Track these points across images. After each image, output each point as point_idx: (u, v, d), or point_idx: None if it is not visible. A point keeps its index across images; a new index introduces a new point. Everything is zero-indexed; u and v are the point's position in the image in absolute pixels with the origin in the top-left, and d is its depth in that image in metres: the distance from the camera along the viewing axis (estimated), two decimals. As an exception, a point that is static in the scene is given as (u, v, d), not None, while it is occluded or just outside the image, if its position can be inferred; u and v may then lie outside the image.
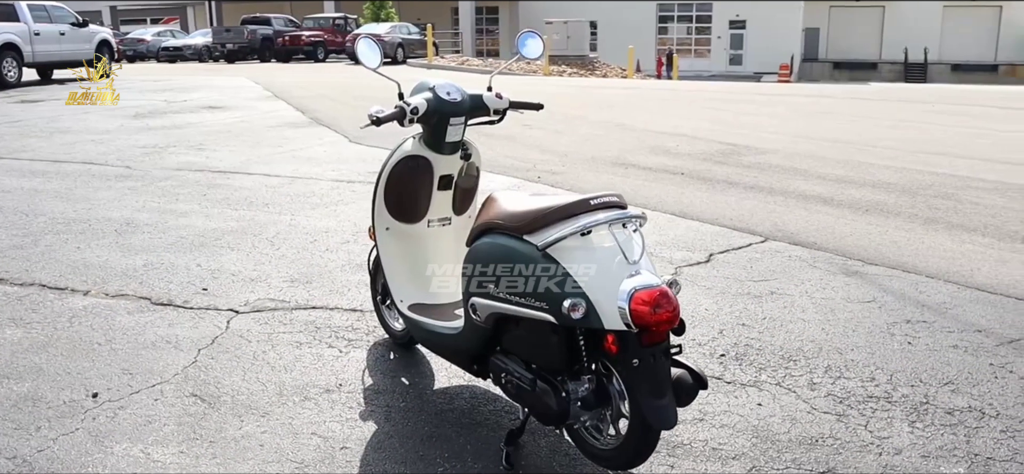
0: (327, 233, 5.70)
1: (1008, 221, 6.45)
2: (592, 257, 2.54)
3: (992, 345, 4.00)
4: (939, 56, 41.48)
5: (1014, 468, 2.93)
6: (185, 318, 4.15)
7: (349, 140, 10.12)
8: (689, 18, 41.75)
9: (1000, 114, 15.62)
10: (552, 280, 2.56)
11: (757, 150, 9.89)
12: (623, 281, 2.47)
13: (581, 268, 2.53)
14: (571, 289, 2.50)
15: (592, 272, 2.52)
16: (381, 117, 3.13)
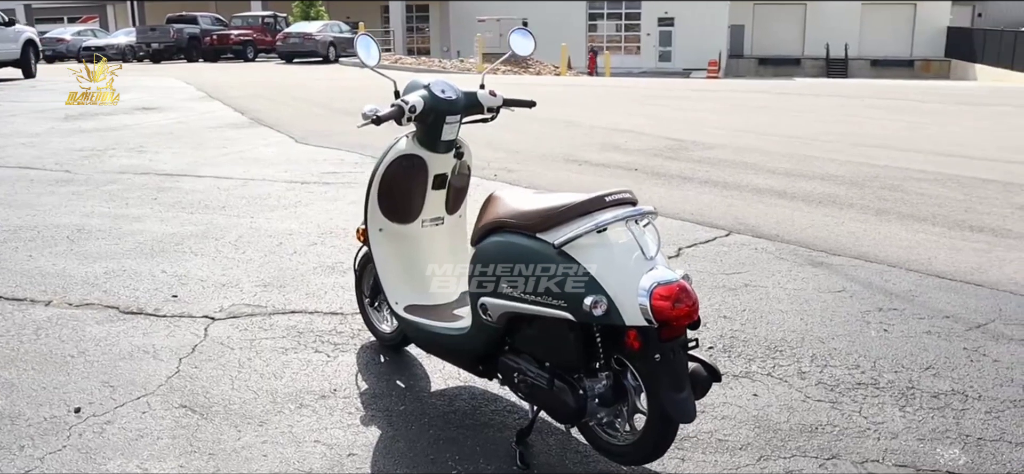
0: (292, 236, 5.58)
1: (953, 210, 6.69)
2: (610, 254, 2.54)
3: (962, 330, 4.13)
4: (859, 52, 42.82)
5: (1004, 448, 3.03)
6: (159, 327, 4.00)
7: (295, 141, 9.94)
8: (619, 15, 42.25)
9: (926, 108, 16.23)
10: (570, 278, 2.54)
11: (703, 145, 10.05)
12: (642, 277, 2.47)
13: (600, 265, 2.52)
14: (590, 286, 2.49)
15: (611, 269, 2.51)
16: (381, 115, 3.07)
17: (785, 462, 2.90)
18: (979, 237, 5.88)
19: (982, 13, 45.68)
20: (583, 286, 2.51)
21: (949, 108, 16.42)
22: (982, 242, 5.76)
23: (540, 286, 2.61)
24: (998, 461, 2.94)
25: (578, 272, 2.53)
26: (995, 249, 5.57)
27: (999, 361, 3.77)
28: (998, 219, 6.41)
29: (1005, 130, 12.95)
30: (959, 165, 8.82)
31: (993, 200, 7.09)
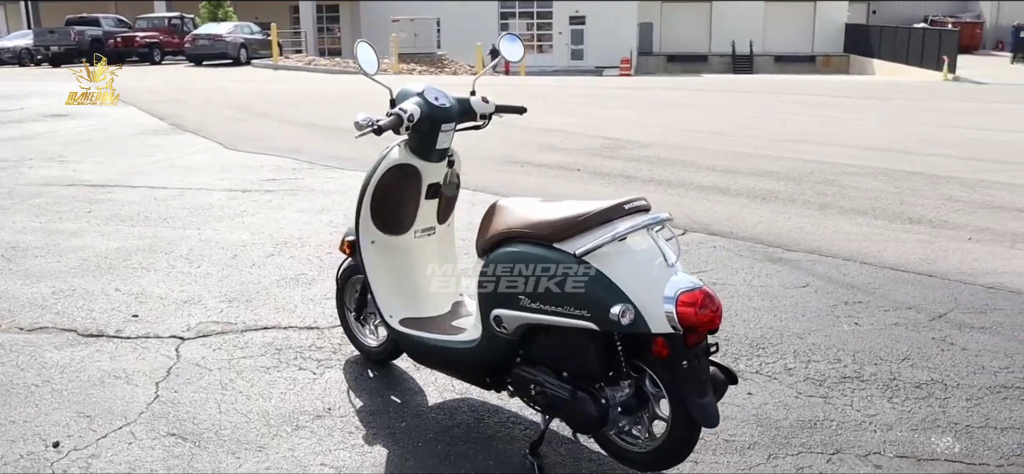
0: (245, 247, 5.39)
1: (889, 204, 6.95)
2: (633, 262, 2.52)
3: (926, 320, 4.29)
4: (763, 48, 44.09)
5: (991, 434, 3.15)
6: (125, 349, 3.80)
7: (224, 147, 9.62)
8: (530, 14, 42.39)
9: (839, 103, 16.86)
10: (593, 287, 2.51)
11: (638, 144, 10.18)
12: (666, 284, 2.46)
13: (623, 273, 2.50)
14: (616, 295, 2.47)
15: (635, 277, 2.49)
16: (382, 125, 2.98)
17: (794, 459, 2.95)
18: (919, 229, 6.12)
19: (876, 10, 47.75)
20: (608, 295, 2.48)
21: (860, 102, 17.10)
22: (923, 234, 5.99)
23: (561, 296, 2.57)
24: (988, 446, 3.05)
25: (601, 281, 2.50)
26: (936, 240, 5.81)
27: (967, 349, 3.92)
28: (932, 211, 6.68)
29: (914, 123, 13.55)
30: (883, 159, 9.17)
31: (923, 192, 7.40)
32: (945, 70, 29.99)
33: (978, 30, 43.29)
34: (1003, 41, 42.58)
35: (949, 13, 45.83)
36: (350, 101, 15.80)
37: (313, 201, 6.71)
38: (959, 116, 14.74)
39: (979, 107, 16.55)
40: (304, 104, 14.77)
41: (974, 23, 43.60)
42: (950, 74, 29.76)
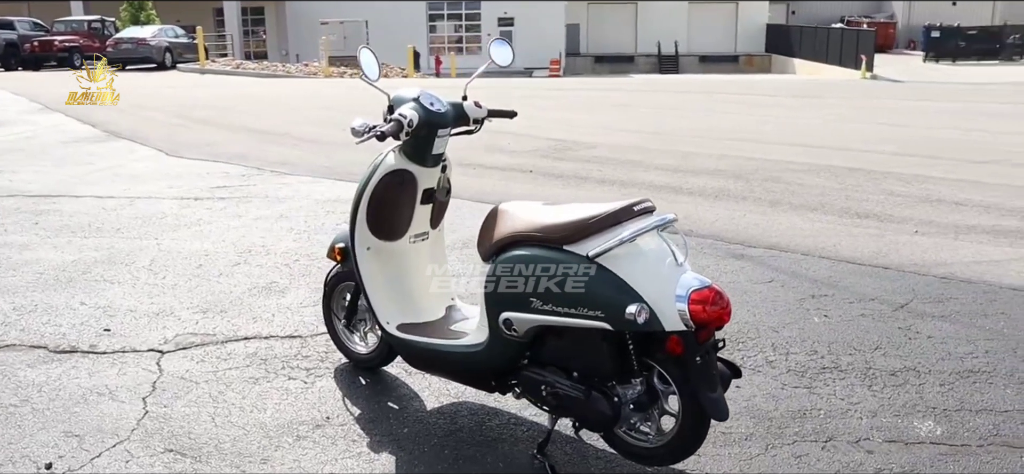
0: (209, 256, 5.28)
1: (835, 199, 7.20)
2: (645, 262, 2.58)
3: (890, 311, 4.47)
4: (688, 49, 44.99)
5: (967, 416, 3.31)
6: (103, 365, 3.69)
7: (166, 154, 9.38)
8: (459, 16, 42.40)
9: (770, 101, 17.33)
10: (607, 288, 2.56)
11: (584, 145, 10.30)
12: (677, 283, 2.53)
13: (636, 274, 2.55)
14: (630, 295, 2.52)
15: (647, 277, 2.55)
16: (385, 131, 2.97)
17: (790, 448, 3.05)
18: (868, 223, 6.36)
19: (795, 11, 49.19)
20: (622, 295, 2.53)
21: (790, 101, 17.62)
22: (872, 228, 6.23)
23: (573, 298, 2.61)
24: (967, 428, 3.21)
25: (615, 282, 2.55)
26: (885, 234, 6.04)
27: (932, 337, 4.10)
28: (876, 205, 6.94)
29: (844, 121, 14.03)
30: (822, 156, 9.48)
31: (865, 188, 7.68)
32: (863, 69, 31.10)
33: (892, 30, 44.98)
34: (915, 40, 44.34)
35: (864, 13, 47.50)
36: (287, 105, 15.57)
37: (270, 208, 6.61)
38: (884, 113, 15.31)
39: (901, 104, 17.23)
40: (241, 109, 14.48)
41: (888, 23, 45.28)
42: (868, 72, 30.89)
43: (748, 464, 2.95)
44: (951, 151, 10.13)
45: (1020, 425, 3.25)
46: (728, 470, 2.91)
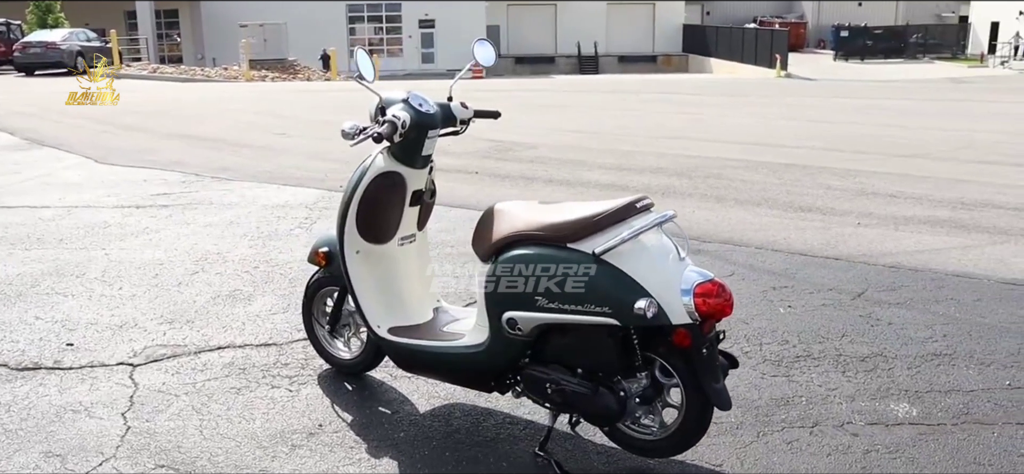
0: (163, 265, 5.12)
1: (777, 195, 7.42)
2: (650, 257, 2.62)
3: (848, 300, 4.64)
4: (607, 49, 45.61)
5: (938, 397, 3.46)
6: (72, 381, 3.55)
7: (96, 161, 9.06)
8: (379, 18, 42.04)
9: (695, 100, 17.72)
10: (614, 285, 2.59)
11: (523, 145, 10.35)
12: (681, 277, 2.58)
13: (642, 269, 2.59)
14: (638, 291, 2.56)
15: (653, 272, 2.59)
16: (381, 132, 2.94)
17: (780, 435, 3.14)
18: (812, 217, 6.58)
19: (710, 12, 50.38)
20: (630, 291, 2.56)
21: (715, 99, 18.05)
22: (817, 221, 6.44)
23: (580, 295, 2.63)
24: (939, 408, 3.36)
25: (622, 278, 2.59)
26: (830, 227, 6.26)
27: (892, 324, 4.27)
28: (816, 200, 7.18)
29: (770, 118, 14.46)
30: (757, 152, 9.76)
31: (803, 182, 7.94)
32: (778, 68, 32.09)
33: (802, 30, 46.52)
34: (824, 40, 45.99)
35: (775, 14, 49.01)
36: (215, 109, 15.19)
37: (218, 215, 6.44)
38: (806, 110, 15.84)
39: (821, 102, 17.85)
40: (167, 114, 14.06)
41: (799, 23, 46.82)
42: (783, 71, 31.89)
43: (743, 451, 3.03)
44: (875, 146, 10.53)
45: (987, 403, 3.42)
46: (725, 459, 2.98)
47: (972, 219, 6.52)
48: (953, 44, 41.47)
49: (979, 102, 18.81)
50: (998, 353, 3.92)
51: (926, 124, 13.87)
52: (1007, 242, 5.87)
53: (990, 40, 38.31)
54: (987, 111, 16.55)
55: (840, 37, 40.42)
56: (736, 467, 2.93)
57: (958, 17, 44.85)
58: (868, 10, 45.90)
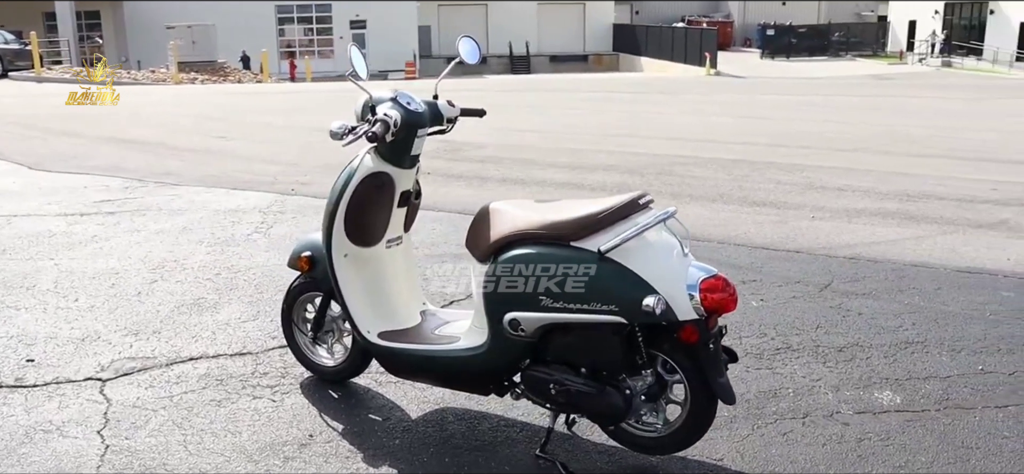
0: (119, 275, 4.92)
1: (730, 190, 7.53)
2: (655, 254, 2.61)
3: (816, 292, 4.72)
4: (538, 49, 45.83)
5: (917, 383, 3.54)
6: (38, 399, 3.37)
7: (29, 168, 8.66)
8: (309, 19, 41.43)
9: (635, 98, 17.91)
10: (621, 282, 2.57)
11: (472, 145, 10.28)
12: (686, 273, 2.58)
13: (648, 266, 2.58)
14: (644, 288, 2.54)
15: (658, 268, 2.58)
16: (376, 132, 2.86)
17: (775, 427, 3.17)
18: (767, 211, 6.69)
19: (639, 11, 51.04)
20: (637, 289, 2.55)
21: (652, 97, 18.27)
22: (773, 215, 6.55)
23: (586, 294, 2.60)
24: (921, 395, 3.44)
25: (628, 276, 2.57)
26: (787, 221, 6.38)
27: (862, 314, 4.36)
28: (768, 194, 7.31)
29: (709, 115, 14.69)
30: (703, 149, 9.90)
31: (752, 178, 8.07)
32: (708, 66, 32.66)
33: (729, 28, 47.44)
34: (750, 39, 47.01)
35: (703, 13, 49.91)
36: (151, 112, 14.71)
37: (169, 221, 6.23)
38: (742, 108, 16.16)
39: (754, 98, 18.22)
40: (98, 118, 13.54)
41: (725, 22, 47.74)
42: (712, 69, 32.48)
43: (742, 445, 3.04)
44: (816, 141, 10.80)
45: (965, 388, 3.51)
46: (725, 453, 2.99)
47: (919, 210, 6.72)
48: (873, 42, 42.86)
49: (904, 98, 19.47)
50: (966, 339, 4.03)
51: (860, 119, 14.28)
52: (955, 232, 6.06)
53: (908, 38, 39.71)
54: (914, 107, 17.14)
55: (766, 36, 41.39)
56: (737, 461, 2.94)
57: (877, 16, 46.37)
58: (791, 9, 47.10)
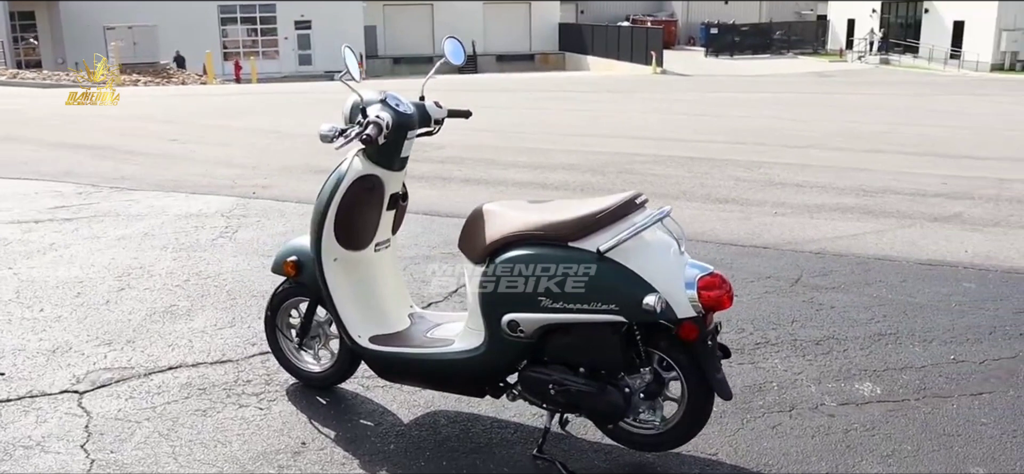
0: (83, 283, 4.79)
1: (692, 187, 7.64)
2: (653, 253, 2.63)
3: (787, 286, 4.81)
4: (485, 48, 45.79)
5: (894, 374, 3.64)
6: (14, 414, 3.26)
7: (-29, 174, 8.38)
8: (253, 19, 40.82)
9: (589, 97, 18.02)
10: (620, 282, 2.59)
11: (432, 145, 10.18)
12: (683, 271, 2.61)
13: (646, 265, 2.60)
14: (644, 287, 2.56)
15: (657, 267, 2.61)
16: (370, 135, 2.83)
17: (763, 420, 3.22)
18: (731, 208, 6.79)
19: (584, 10, 51.35)
20: (637, 288, 2.56)
21: (604, 96, 18.42)
22: (736, 211, 6.66)
23: (586, 294, 2.61)
24: (899, 385, 3.53)
25: (628, 275, 2.59)
26: (751, 217, 6.48)
27: (834, 308, 4.46)
28: (730, 191, 7.42)
29: (661, 113, 14.86)
30: (662, 147, 10.01)
31: (713, 175, 8.19)
32: (654, 64, 33.01)
33: (673, 27, 48.01)
34: (694, 37, 47.66)
35: (647, 12, 50.43)
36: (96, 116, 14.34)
37: (129, 227, 6.08)
38: (694, 104, 16.38)
39: (703, 96, 18.48)
40: (42, 121, 13.17)
41: (669, 21, 48.29)
42: (658, 68, 32.83)
43: (734, 439, 3.08)
44: (770, 138, 11.00)
45: (940, 378, 3.61)
46: (719, 447, 3.03)
47: (876, 205, 6.89)
48: (813, 40, 43.78)
49: (849, 95, 19.95)
50: (936, 330, 4.15)
51: (809, 116, 14.58)
52: (913, 226, 6.23)
53: (847, 36, 40.67)
54: (860, 104, 17.57)
55: (710, 34, 42.00)
56: (731, 456, 2.99)
57: (817, 15, 47.39)
58: (733, 9, 47.87)
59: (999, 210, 6.76)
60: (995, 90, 22.72)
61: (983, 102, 18.58)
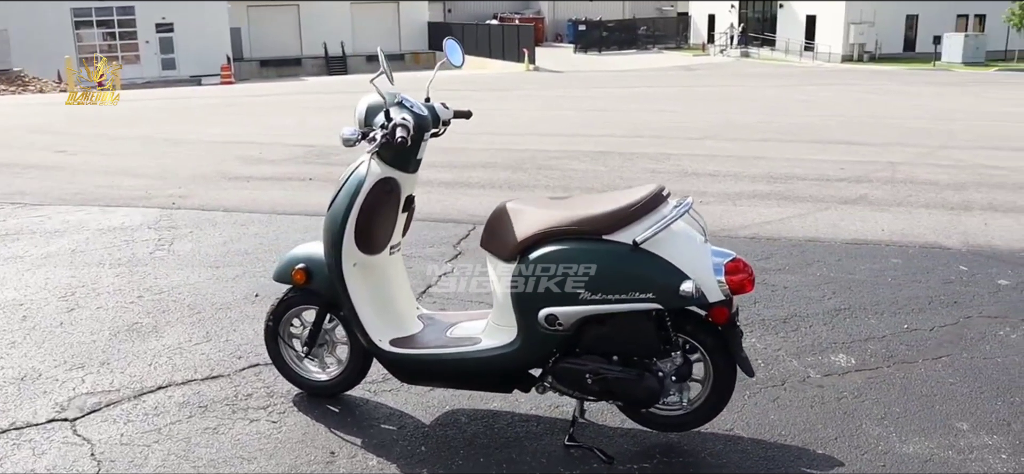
0: (24, 306, 4.51)
1: (611, 180, 7.89)
2: (683, 243, 2.77)
3: (738, 270, 5.05)
4: (354, 49, 45.22)
5: (862, 345, 3.92)
6: (4, 449, 3.06)
7: None
8: (110, 22, 38.72)
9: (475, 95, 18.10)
10: (657, 271, 2.71)
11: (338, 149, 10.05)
12: (710, 258, 2.76)
13: (679, 254, 2.74)
14: (678, 275, 2.69)
15: (687, 256, 2.75)
16: (401, 136, 2.82)
17: (763, 394, 3.43)
18: (658, 197, 7.03)
19: (451, 9, 51.47)
20: (672, 276, 2.69)
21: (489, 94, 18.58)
22: (664, 201, 6.90)
23: (625, 284, 2.72)
24: (869, 354, 3.82)
25: (663, 265, 2.71)
26: (679, 205, 6.74)
27: (788, 287, 4.75)
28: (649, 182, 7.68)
29: (553, 109, 15.15)
30: (570, 142, 10.26)
31: (629, 168, 8.47)
32: (527, 61, 33.47)
33: (541, 25, 48.80)
34: (561, 34, 48.60)
35: (514, 10, 51.08)
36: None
37: (50, 244, 5.74)
38: (579, 100, 16.78)
39: (586, 92, 18.95)
40: None
41: (537, 19, 49.07)
42: (532, 65, 33.32)
43: (743, 414, 3.27)
44: (665, 131, 11.44)
45: (902, 345, 3.92)
46: (734, 422, 3.20)
47: (788, 191, 7.32)
48: (676, 36, 45.54)
49: (719, 86, 20.94)
50: (883, 303, 4.49)
51: (690, 109, 15.21)
52: (829, 209, 6.67)
53: (709, 31, 42.53)
54: (731, 95, 18.46)
55: (578, 31, 42.97)
56: (746, 429, 3.16)
57: (677, 12, 49.30)
58: (597, 6, 49.17)
59: (897, 191, 7.32)
60: (850, 79, 24.35)
61: (842, 92, 19.89)
